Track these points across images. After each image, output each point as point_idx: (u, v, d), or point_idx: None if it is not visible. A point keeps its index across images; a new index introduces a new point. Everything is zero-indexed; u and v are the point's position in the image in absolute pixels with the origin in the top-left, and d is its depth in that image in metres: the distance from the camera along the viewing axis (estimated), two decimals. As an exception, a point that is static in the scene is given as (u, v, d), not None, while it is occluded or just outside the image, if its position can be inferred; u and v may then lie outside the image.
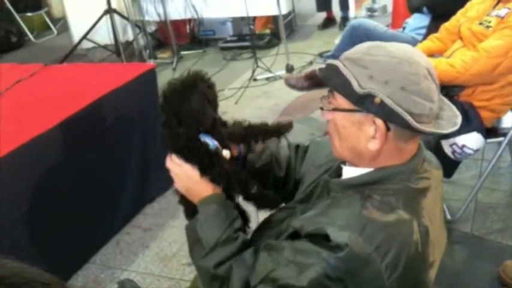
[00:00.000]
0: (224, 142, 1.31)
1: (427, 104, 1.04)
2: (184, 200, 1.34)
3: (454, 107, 1.13)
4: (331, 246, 1.02)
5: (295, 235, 1.13)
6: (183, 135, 1.25)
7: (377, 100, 1.03)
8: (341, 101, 1.09)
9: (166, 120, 1.26)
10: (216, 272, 1.20)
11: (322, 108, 1.15)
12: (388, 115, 1.03)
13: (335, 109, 1.11)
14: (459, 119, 1.10)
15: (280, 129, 1.36)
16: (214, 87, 1.28)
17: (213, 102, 1.26)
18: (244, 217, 1.33)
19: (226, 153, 1.31)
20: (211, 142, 1.28)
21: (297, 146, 1.52)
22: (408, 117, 1.01)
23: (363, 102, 1.05)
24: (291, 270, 1.06)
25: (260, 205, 1.31)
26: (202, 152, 1.26)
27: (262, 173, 1.45)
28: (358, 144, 1.10)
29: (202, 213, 1.26)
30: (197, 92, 1.22)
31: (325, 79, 1.13)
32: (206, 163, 1.26)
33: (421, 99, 1.03)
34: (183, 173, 1.29)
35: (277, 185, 1.47)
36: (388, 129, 1.06)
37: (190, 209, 1.32)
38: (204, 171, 1.26)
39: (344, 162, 1.21)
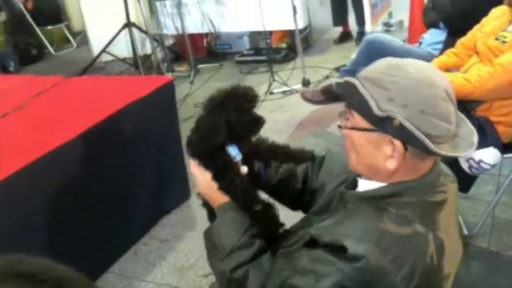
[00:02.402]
0: (249, 159, 1.35)
1: (445, 125, 1.05)
2: (206, 204, 1.40)
3: (469, 123, 1.14)
4: (347, 258, 1.04)
5: (312, 243, 1.15)
6: (205, 142, 1.29)
7: (396, 122, 1.03)
8: (358, 119, 1.10)
9: (195, 127, 1.31)
10: (233, 276, 1.23)
11: (340, 127, 1.17)
12: (406, 137, 1.04)
13: (353, 128, 1.13)
14: (475, 138, 1.11)
15: (301, 157, 1.41)
16: (244, 108, 1.25)
17: (234, 123, 1.25)
18: (276, 221, 1.35)
19: (243, 168, 1.34)
20: (237, 154, 1.31)
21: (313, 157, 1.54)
22: (427, 141, 1.02)
23: (382, 123, 1.05)
24: (308, 279, 1.08)
25: (261, 225, 1.32)
26: (219, 163, 1.31)
27: (280, 188, 1.49)
28: (376, 162, 1.11)
29: (219, 219, 1.31)
30: (219, 111, 1.25)
31: (342, 96, 1.14)
32: (219, 173, 1.31)
33: (439, 121, 1.04)
34: (203, 179, 1.34)
35: (295, 196, 1.50)
36: (406, 149, 1.07)
37: (213, 212, 1.37)
38: (216, 179, 1.31)
39: (359, 175, 1.23)
